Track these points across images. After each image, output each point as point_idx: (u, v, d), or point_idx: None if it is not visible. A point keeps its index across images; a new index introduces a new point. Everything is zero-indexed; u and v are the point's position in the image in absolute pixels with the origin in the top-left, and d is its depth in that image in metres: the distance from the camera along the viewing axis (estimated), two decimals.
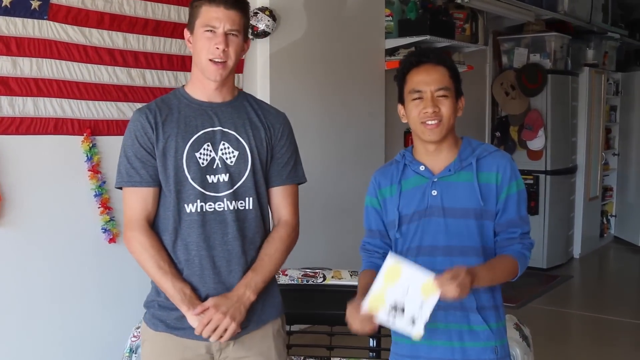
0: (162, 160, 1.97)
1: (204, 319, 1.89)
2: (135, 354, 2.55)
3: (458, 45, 5.47)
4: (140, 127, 1.97)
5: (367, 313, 1.80)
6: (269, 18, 4.01)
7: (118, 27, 3.44)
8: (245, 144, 2.03)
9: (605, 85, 7.43)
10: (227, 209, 1.99)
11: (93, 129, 3.34)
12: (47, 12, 3.16)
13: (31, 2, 3.09)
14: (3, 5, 3.01)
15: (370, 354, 3.01)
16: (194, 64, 2.03)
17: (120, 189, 2.03)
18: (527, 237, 1.94)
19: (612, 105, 7.93)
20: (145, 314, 2.08)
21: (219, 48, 1.95)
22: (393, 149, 5.30)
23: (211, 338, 1.91)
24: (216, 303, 1.92)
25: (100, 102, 3.39)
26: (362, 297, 1.83)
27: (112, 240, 3.41)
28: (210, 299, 1.94)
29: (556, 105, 6.48)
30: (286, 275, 3.07)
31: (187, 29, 2.03)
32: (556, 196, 6.55)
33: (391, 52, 5.02)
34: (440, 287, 1.72)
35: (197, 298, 1.95)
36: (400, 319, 1.76)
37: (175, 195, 1.96)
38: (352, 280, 3.04)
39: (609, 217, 7.95)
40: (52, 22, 3.18)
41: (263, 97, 4.20)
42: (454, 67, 1.98)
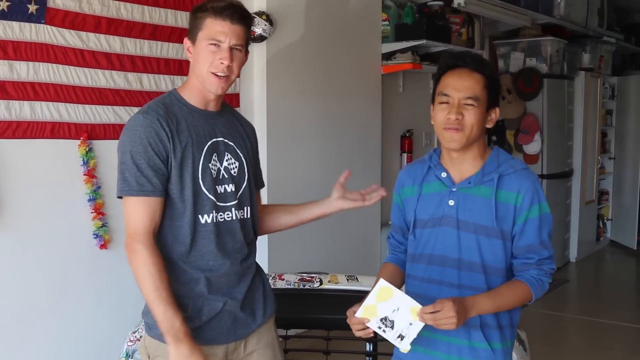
0: (179, 170, 1.92)
1: None
2: (131, 358, 2.54)
3: (454, 50, 5.48)
4: (155, 135, 1.88)
5: (361, 319, 1.81)
6: (266, 22, 4.02)
7: (115, 31, 3.44)
8: (242, 155, 2.09)
9: (601, 89, 7.45)
10: (234, 218, 2.03)
11: (90, 133, 3.34)
12: (44, 16, 3.16)
13: (28, 6, 3.09)
14: (0, 9, 3.01)
15: (367, 358, 3.01)
16: (193, 72, 2.00)
17: (119, 198, 1.94)
18: (546, 262, 1.87)
19: (608, 109, 7.95)
20: (149, 329, 1.99)
21: (223, 63, 1.94)
22: (390, 152, 5.31)
23: None
24: None
25: (97, 106, 3.39)
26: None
27: (103, 247, 3.41)
28: None
29: (552, 109, 6.49)
30: (283, 279, 3.07)
31: (188, 38, 1.99)
32: (552, 200, 6.55)
33: (388, 56, 5.03)
34: (422, 320, 1.73)
35: (185, 333, 1.85)
36: (389, 332, 1.78)
37: (192, 206, 1.94)
38: (348, 285, 3.04)
39: (605, 221, 7.96)
40: (49, 26, 3.18)
41: (260, 101, 4.22)
42: (492, 76, 1.89)
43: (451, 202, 1.89)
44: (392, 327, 1.78)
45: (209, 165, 1.98)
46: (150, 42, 3.59)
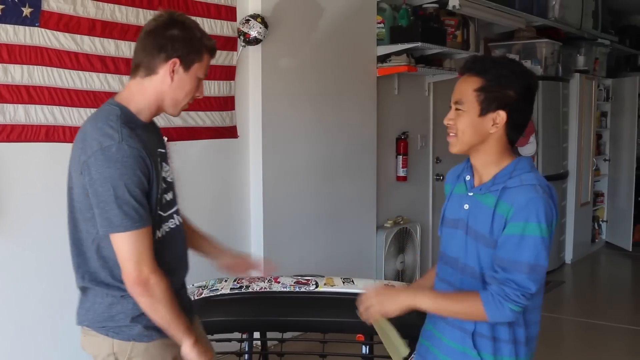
0: (150, 190, 1.90)
1: None
2: None
3: (449, 52, 5.49)
4: (143, 163, 1.84)
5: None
6: (260, 25, 4.02)
7: (110, 34, 3.43)
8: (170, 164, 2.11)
9: (596, 91, 7.47)
10: (179, 223, 2.09)
11: None
12: (38, 19, 3.15)
13: (22, 9, 3.09)
14: None
15: None
16: (164, 93, 1.94)
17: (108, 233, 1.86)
18: (512, 285, 1.73)
19: (602, 111, 7.97)
20: (118, 332, 1.97)
21: (200, 97, 2.03)
22: (385, 155, 5.31)
23: None
24: None
25: (92, 110, 3.37)
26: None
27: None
28: None
29: (547, 111, 6.51)
30: (279, 282, 3.07)
31: (181, 61, 1.92)
32: None
33: (383, 58, 5.03)
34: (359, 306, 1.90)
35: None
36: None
37: (159, 219, 1.96)
38: (344, 287, 3.04)
39: (600, 223, 7.98)
40: (43, 29, 3.17)
41: (255, 104, 4.22)
42: (496, 78, 1.81)
43: (466, 206, 1.90)
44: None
45: (164, 176, 2.00)
46: None
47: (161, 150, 2.02)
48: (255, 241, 4.31)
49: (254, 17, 4.03)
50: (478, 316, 1.78)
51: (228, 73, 4.08)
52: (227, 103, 4.10)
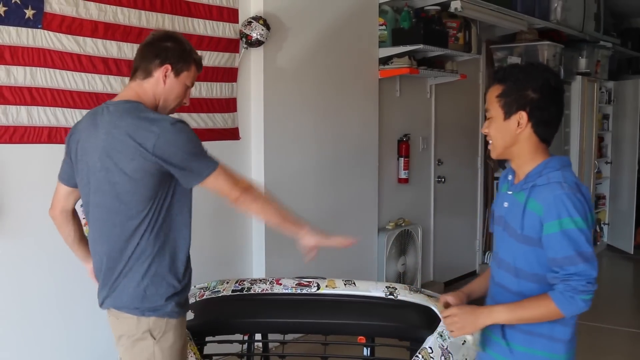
0: None
1: None
2: None
3: (451, 54, 5.50)
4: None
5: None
6: (262, 27, 4.02)
7: (112, 36, 3.44)
8: None
9: (598, 94, 7.47)
10: None
11: None
12: (41, 21, 3.16)
13: (25, 11, 3.09)
14: None
15: None
16: (158, 94, 2.26)
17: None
18: (574, 278, 1.83)
19: (604, 114, 7.97)
20: (154, 310, 2.19)
21: (187, 104, 2.39)
22: (387, 157, 5.31)
23: None
24: None
25: None
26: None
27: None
28: None
29: None
30: (280, 284, 3.07)
31: (172, 67, 2.25)
32: None
33: (385, 61, 5.04)
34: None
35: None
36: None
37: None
38: (346, 290, 3.04)
39: (602, 225, 7.97)
40: (46, 31, 3.18)
41: (257, 105, 4.22)
42: (513, 83, 1.95)
43: (505, 204, 2.02)
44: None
45: None
46: None
47: None
48: (257, 243, 4.31)
49: (256, 19, 4.03)
50: (554, 316, 1.87)
51: (230, 75, 4.08)
52: (229, 105, 4.10)
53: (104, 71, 3.42)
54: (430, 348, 2.77)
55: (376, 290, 3.03)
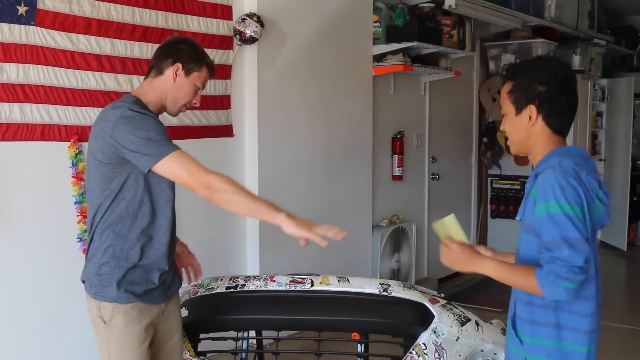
0: None
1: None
2: None
3: (445, 52, 5.50)
4: (156, 120, 2.32)
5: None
6: (256, 24, 4.02)
7: (105, 32, 3.43)
8: None
9: (592, 91, 7.48)
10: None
11: (80, 135, 3.33)
12: (34, 17, 3.15)
13: (18, 7, 3.08)
14: None
15: (358, 359, 3.01)
16: (165, 91, 2.37)
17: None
18: (557, 262, 1.81)
19: (598, 111, 7.99)
20: (103, 295, 2.28)
21: (196, 104, 2.46)
22: (381, 154, 5.32)
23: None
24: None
25: (87, 108, 3.38)
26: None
27: (85, 251, 3.39)
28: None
29: None
30: (274, 281, 3.07)
31: (182, 66, 2.36)
32: None
33: (379, 58, 5.04)
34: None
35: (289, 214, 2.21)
36: None
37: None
38: (340, 286, 3.04)
39: None
40: (39, 28, 3.17)
41: (251, 103, 4.22)
42: (520, 79, 1.99)
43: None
44: None
45: None
46: (141, 44, 3.58)
47: None
48: (251, 240, 4.31)
49: (250, 16, 4.03)
50: (535, 292, 1.87)
51: (224, 72, 4.08)
52: (222, 102, 4.10)
53: (97, 68, 3.41)
54: (424, 344, 2.78)
55: (370, 287, 3.03)
